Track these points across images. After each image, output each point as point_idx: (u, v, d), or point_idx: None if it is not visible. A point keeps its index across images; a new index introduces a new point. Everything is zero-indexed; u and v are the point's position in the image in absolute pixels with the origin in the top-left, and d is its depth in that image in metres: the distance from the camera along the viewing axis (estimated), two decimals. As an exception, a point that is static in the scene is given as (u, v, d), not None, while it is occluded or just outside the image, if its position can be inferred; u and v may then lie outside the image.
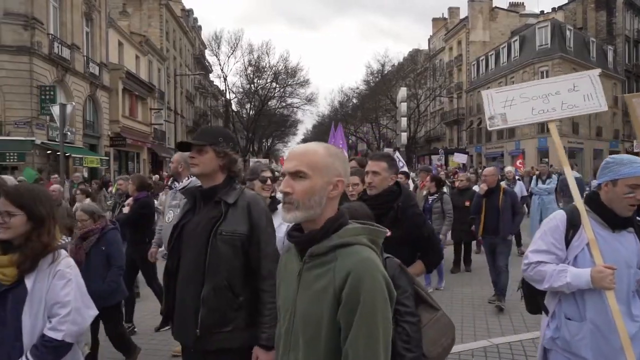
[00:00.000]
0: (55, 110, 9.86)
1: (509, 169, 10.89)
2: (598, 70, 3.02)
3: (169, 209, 4.56)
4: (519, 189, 9.50)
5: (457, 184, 9.19)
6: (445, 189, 8.08)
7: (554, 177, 10.51)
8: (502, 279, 6.03)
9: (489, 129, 3.04)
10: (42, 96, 18.23)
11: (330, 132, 11.36)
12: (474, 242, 8.70)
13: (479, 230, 6.46)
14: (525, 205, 9.76)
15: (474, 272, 8.14)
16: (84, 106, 23.21)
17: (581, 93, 2.83)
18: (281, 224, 2.82)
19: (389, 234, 2.68)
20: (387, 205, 2.94)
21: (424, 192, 7.58)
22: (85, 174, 21.65)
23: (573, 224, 2.38)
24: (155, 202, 7.02)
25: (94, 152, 23.81)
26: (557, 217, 2.46)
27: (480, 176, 13.04)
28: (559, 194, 10.69)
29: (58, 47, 20.19)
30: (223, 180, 2.39)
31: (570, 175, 2.69)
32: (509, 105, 2.89)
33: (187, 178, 4.40)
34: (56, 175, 18.88)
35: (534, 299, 2.55)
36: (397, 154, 9.34)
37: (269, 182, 3.56)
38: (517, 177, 10.63)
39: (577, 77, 2.92)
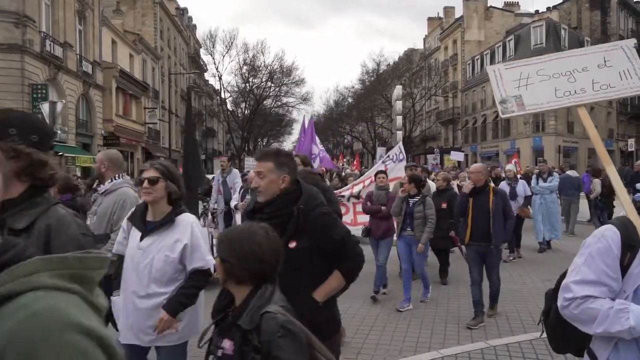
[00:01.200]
0: (45, 108, 9.71)
1: (509, 167, 10.29)
2: (633, 41, 2.47)
3: (89, 215, 4.01)
4: (522, 188, 8.84)
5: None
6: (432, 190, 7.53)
7: (555, 174, 10.09)
8: (494, 289, 5.53)
9: (501, 116, 2.35)
10: (34, 95, 18.01)
11: (302, 129, 11.09)
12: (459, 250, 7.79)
13: (464, 236, 5.47)
14: (529, 206, 9.25)
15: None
16: (76, 105, 22.98)
17: (615, 69, 2.22)
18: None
19: (292, 245, 2.31)
20: (283, 212, 2.36)
21: (403, 195, 6.36)
22: (79, 174, 21.46)
23: (630, 244, 1.74)
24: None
25: (87, 152, 23.59)
26: (607, 235, 1.78)
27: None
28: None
29: (50, 45, 19.98)
30: (20, 193, 1.64)
31: (616, 176, 2.05)
32: (525, 85, 2.27)
33: (110, 180, 3.78)
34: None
35: (570, 341, 1.93)
36: (399, 145, 8.57)
37: (146, 184, 2.70)
38: (519, 177, 9.69)
39: (608, 48, 2.35)
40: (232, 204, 7.95)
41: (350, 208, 7.40)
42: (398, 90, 12.64)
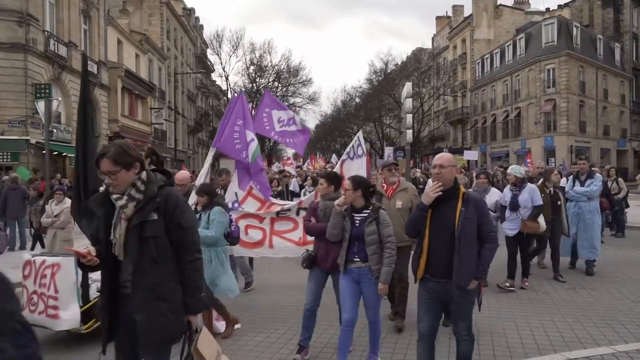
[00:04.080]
0: (41, 106, 9.42)
1: (513, 168, 7.14)
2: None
3: None
4: (528, 196, 6.59)
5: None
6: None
7: (598, 176, 7.82)
8: (462, 352, 3.56)
9: None
10: (37, 94, 17.79)
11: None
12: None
13: (416, 268, 3.50)
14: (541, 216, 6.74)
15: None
16: (81, 105, 22.79)
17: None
18: None
19: None
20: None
21: (341, 207, 4.13)
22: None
23: None
24: None
25: (92, 152, 23.37)
26: None
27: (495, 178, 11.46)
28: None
29: (54, 44, 19.81)
30: None
31: None
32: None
33: None
34: (59, 175, 18.56)
35: None
36: (359, 136, 5.97)
37: None
38: (524, 178, 6.89)
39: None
40: None
41: (300, 223, 5.65)
42: (408, 87, 12.13)
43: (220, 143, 5.88)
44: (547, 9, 48.17)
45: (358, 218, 4.05)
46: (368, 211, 4.03)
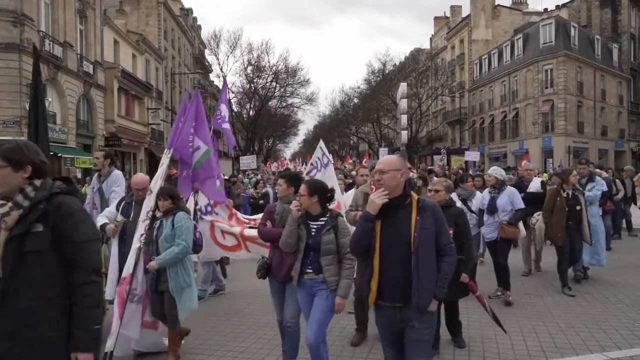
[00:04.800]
0: (27, 106, 9.31)
1: (493, 170, 6.50)
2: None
3: None
4: (507, 199, 6.12)
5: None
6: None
7: (599, 180, 7.54)
8: None
9: None
10: (31, 96, 17.71)
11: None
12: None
13: (367, 292, 2.91)
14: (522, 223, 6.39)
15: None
16: (77, 105, 22.68)
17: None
18: None
19: None
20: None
21: (297, 213, 3.75)
22: (79, 175, 21.15)
23: None
24: None
25: (88, 153, 23.27)
26: None
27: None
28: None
29: (49, 44, 19.71)
30: None
31: None
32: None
33: None
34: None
35: None
36: (320, 146, 5.89)
37: None
38: (504, 180, 6.43)
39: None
40: (100, 222, 4.97)
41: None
42: (403, 87, 12.04)
43: (177, 145, 5.26)
44: (545, 10, 48.19)
45: (314, 226, 3.66)
46: (325, 218, 3.68)
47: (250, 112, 47.54)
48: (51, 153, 19.82)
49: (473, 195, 6.89)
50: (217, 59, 45.01)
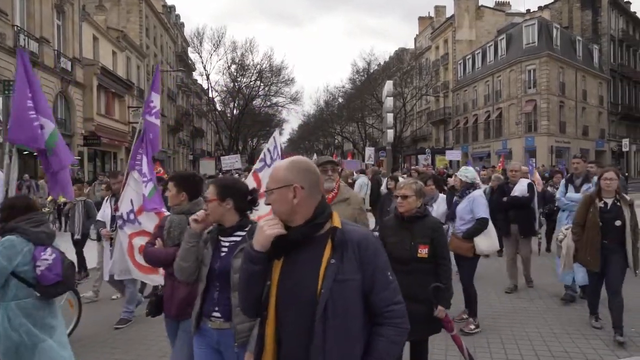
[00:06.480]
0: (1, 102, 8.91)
1: (462, 172, 5.56)
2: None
3: None
4: (466, 205, 5.20)
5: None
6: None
7: (595, 180, 5.83)
8: None
9: None
10: (5, 91, 17.04)
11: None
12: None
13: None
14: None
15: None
16: (54, 103, 22.02)
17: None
18: None
19: None
20: None
21: (197, 228, 2.69)
22: (56, 175, 20.55)
23: None
24: None
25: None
26: None
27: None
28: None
29: (25, 39, 19.06)
30: None
31: None
32: None
33: None
34: (27, 175, 17.84)
35: None
36: (275, 136, 4.57)
37: None
38: (472, 182, 5.42)
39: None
40: None
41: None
42: (389, 85, 11.88)
43: (13, 132, 4.08)
44: (528, 11, 48.68)
45: (226, 244, 2.52)
46: (243, 233, 2.51)
47: (234, 111, 47.03)
48: (25, 152, 19.27)
49: (434, 200, 5.76)
50: (201, 57, 44.37)
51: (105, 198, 6.45)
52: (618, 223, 4.74)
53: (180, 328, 2.93)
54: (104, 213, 6.13)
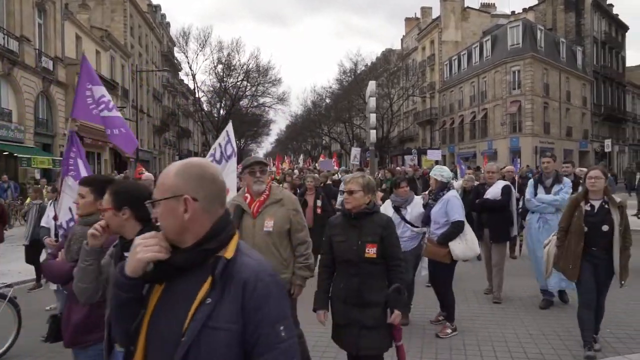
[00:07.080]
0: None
1: (436, 171, 5.35)
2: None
3: None
4: (440, 207, 5.06)
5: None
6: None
7: (567, 181, 6.01)
8: None
9: None
10: None
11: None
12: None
13: None
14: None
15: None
16: (35, 103, 21.68)
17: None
18: None
19: None
20: None
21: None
22: (38, 176, 20.20)
23: None
24: None
25: (48, 152, 22.30)
26: None
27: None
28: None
29: (4, 38, 18.73)
30: None
31: None
32: None
33: None
34: (5, 176, 17.53)
35: None
36: (228, 130, 5.38)
37: None
38: (447, 182, 5.25)
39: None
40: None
41: None
42: (372, 85, 11.80)
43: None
44: (513, 12, 49.17)
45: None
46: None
47: (221, 112, 46.75)
48: (5, 153, 18.92)
49: (409, 202, 5.38)
50: (187, 57, 44.05)
51: (50, 201, 6.11)
52: (605, 228, 4.27)
53: (76, 356, 2.50)
54: (48, 218, 5.78)
